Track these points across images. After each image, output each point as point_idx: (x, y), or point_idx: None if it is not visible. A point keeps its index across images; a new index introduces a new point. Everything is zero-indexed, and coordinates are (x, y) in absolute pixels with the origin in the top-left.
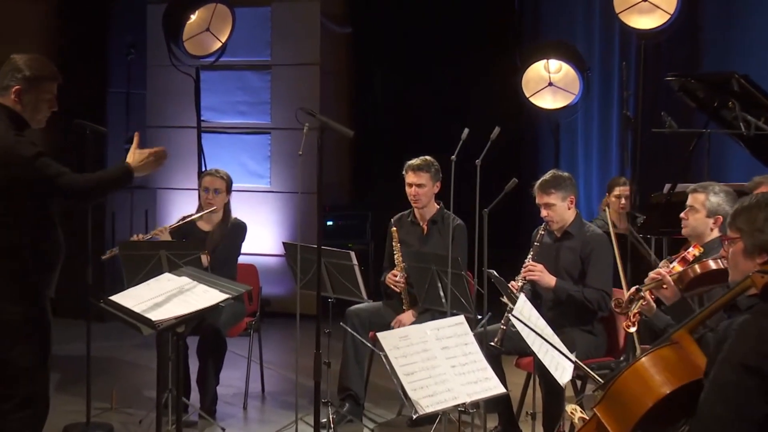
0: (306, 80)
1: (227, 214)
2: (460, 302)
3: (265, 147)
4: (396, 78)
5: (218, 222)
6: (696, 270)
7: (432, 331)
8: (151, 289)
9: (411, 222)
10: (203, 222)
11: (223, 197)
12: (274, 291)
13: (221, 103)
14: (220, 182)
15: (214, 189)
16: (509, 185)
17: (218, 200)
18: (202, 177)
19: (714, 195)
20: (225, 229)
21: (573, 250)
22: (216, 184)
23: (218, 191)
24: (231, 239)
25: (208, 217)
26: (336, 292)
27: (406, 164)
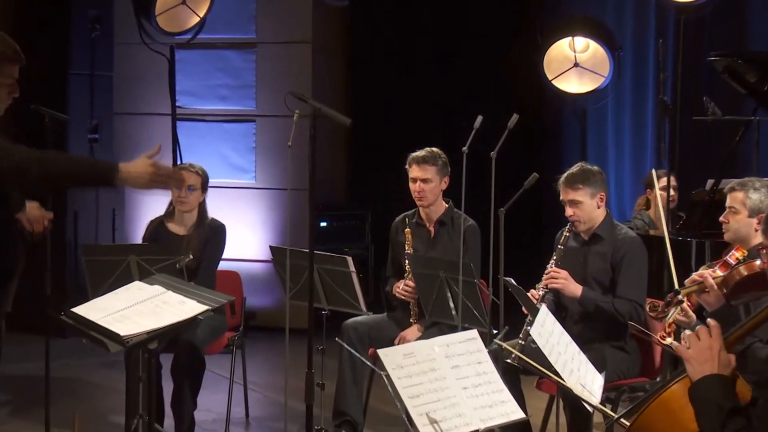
0: (296, 60)
1: (203, 214)
2: (473, 314)
3: (249, 137)
4: (400, 58)
5: (193, 224)
6: (741, 272)
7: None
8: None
9: (416, 223)
10: (175, 224)
11: (198, 195)
12: (259, 302)
13: (199, 87)
14: (194, 178)
15: (187, 186)
16: (529, 181)
17: (192, 198)
18: None
19: (754, 191)
20: (203, 233)
21: (602, 256)
22: (190, 180)
23: (192, 188)
24: (212, 244)
25: (180, 219)
26: (331, 303)
27: (410, 156)
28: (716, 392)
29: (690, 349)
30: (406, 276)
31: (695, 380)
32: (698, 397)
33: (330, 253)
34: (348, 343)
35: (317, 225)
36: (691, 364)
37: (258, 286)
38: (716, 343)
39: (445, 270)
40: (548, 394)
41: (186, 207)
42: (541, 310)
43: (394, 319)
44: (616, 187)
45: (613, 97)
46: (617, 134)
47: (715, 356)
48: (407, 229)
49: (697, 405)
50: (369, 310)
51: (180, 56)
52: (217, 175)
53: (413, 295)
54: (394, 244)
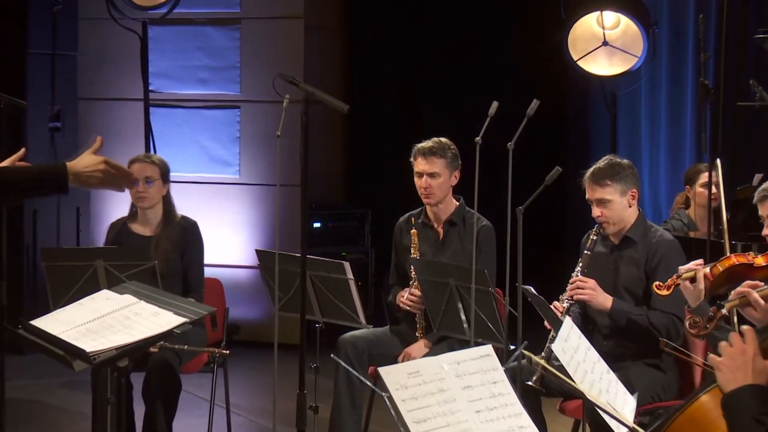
0: (286, 38)
1: (169, 210)
2: (487, 328)
3: (232, 125)
4: (404, 37)
5: (159, 223)
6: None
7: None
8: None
9: (423, 224)
10: (140, 225)
11: (159, 188)
12: (244, 314)
13: (175, 69)
14: (151, 169)
15: (144, 178)
16: (551, 175)
17: (153, 192)
18: (128, 166)
19: None
20: (173, 233)
21: (635, 262)
22: (147, 171)
23: (151, 180)
24: (192, 249)
25: (144, 219)
26: (325, 314)
27: (415, 147)
28: (752, 403)
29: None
30: (412, 284)
31: (728, 390)
32: (732, 409)
33: (325, 258)
34: (345, 361)
35: (310, 226)
36: (722, 372)
37: (242, 296)
38: (750, 348)
39: (456, 277)
40: (573, 418)
41: (147, 203)
42: (565, 322)
43: (397, 334)
44: (651, 183)
45: (647, 80)
46: (652, 123)
47: (749, 363)
48: (413, 230)
49: (731, 418)
50: (369, 323)
51: (153, 33)
52: (196, 169)
53: (419, 305)
54: (398, 248)
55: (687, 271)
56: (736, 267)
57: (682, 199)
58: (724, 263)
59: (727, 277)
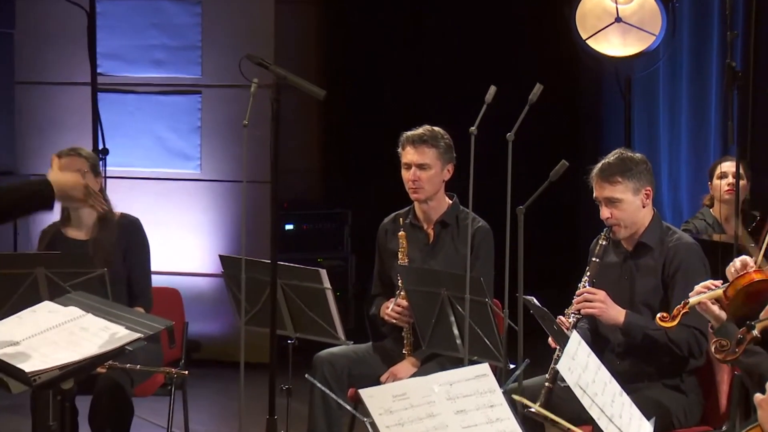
0: (254, 14)
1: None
2: (484, 344)
3: (193, 113)
4: (391, 12)
5: (95, 223)
6: None
7: (442, 386)
8: (24, 326)
9: (410, 225)
10: (74, 229)
11: (91, 182)
12: (206, 328)
13: (128, 49)
14: (80, 162)
15: None
16: (556, 170)
17: None
18: (52, 162)
19: None
20: (111, 233)
21: (652, 271)
22: (75, 165)
23: (81, 174)
24: (134, 250)
25: (78, 222)
26: (299, 329)
27: (403, 135)
28: None
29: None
30: (398, 294)
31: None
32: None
33: (298, 265)
34: (321, 382)
35: (281, 228)
36: (765, 410)
37: (204, 308)
38: None
39: (448, 286)
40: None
41: None
42: (572, 337)
43: (381, 351)
44: (671, 179)
45: (666, 61)
46: (671, 110)
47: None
48: (401, 233)
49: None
50: (349, 339)
51: (103, 8)
52: (150, 163)
53: (406, 318)
54: (383, 253)
55: (697, 295)
56: (756, 285)
57: (709, 197)
58: (741, 281)
59: (746, 297)
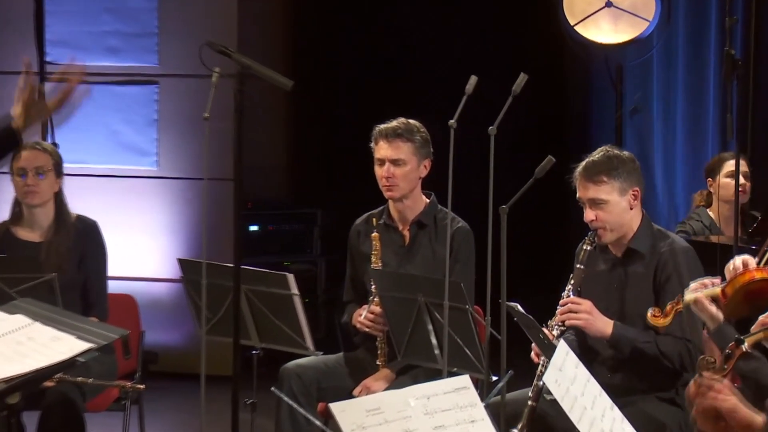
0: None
1: (62, 210)
2: (464, 354)
3: (149, 105)
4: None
5: (50, 225)
6: None
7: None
8: None
9: (385, 225)
10: (26, 230)
11: (52, 182)
12: (163, 338)
13: (78, 35)
14: (44, 158)
15: (35, 169)
16: (541, 167)
17: (44, 187)
18: (14, 154)
19: None
20: (66, 237)
21: (644, 279)
22: (38, 160)
23: (42, 173)
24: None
25: (32, 222)
26: (264, 339)
27: (377, 129)
28: None
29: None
30: (371, 300)
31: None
32: None
33: (264, 269)
34: (288, 395)
35: (245, 229)
36: None
37: (161, 316)
38: None
39: (426, 292)
40: None
41: (37, 199)
42: (559, 347)
43: (353, 362)
44: (665, 176)
45: (661, 49)
46: (666, 102)
47: None
48: (374, 234)
49: None
50: (318, 350)
51: None
52: (103, 159)
53: (381, 327)
54: (355, 256)
55: (694, 291)
56: (757, 284)
57: (701, 197)
58: (741, 279)
59: (745, 296)
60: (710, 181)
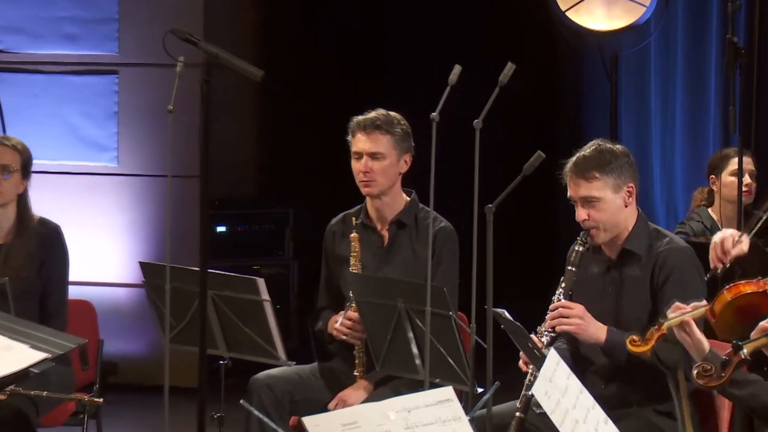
0: None
1: (24, 213)
2: (447, 364)
3: (109, 97)
4: None
5: (11, 228)
6: None
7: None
8: None
9: (362, 225)
10: None
11: (17, 182)
12: (124, 347)
13: (32, 21)
14: (11, 155)
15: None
16: (530, 163)
17: (8, 187)
18: None
19: None
20: (28, 241)
21: (640, 282)
22: (5, 157)
23: (8, 172)
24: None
25: None
26: (233, 348)
27: (353, 121)
28: None
29: None
30: (348, 306)
31: None
32: None
33: (232, 273)
34: (259, 408)
35: (212, 230)
36: None
37: (122, 324)
38: None
39: (406, 297)
40: None
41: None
42: (549, 356)
43: (328, 373)
44: (664, 173)
45: (659, 36)
46: (664, 93)
47: None
48: (353, 234)
49: None
50: (291, 360)
51: None
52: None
53: (359, 335)
54: (330, 258)
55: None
56: (747, 298)
57: (702, 195)
58: (728, 295)
59: (736, 314)
60: (713, 179)
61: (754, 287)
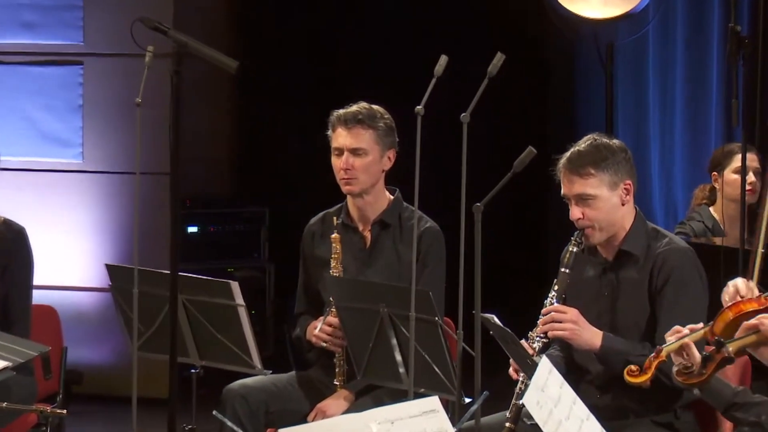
0: None
1: None
2: (432, 373)
3: (73, 89)
4: None
5: None
6: None
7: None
8: None
9: (343, 225)
10: None
11: None
12: (89, 355)
13: None
14: None
15: None
16: (521, 159)
17: None
18: None
19: None
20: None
21: (638, 285)
22: None
23: None
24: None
25: None
26: (205, 356)
27: (333, 115)
28: None
29: None
30: (328, 312)
31: None
32: None
33: (204, 276)
34: (233, 420)
35: (183, 230)
36: None
37: (87, 331)
38: None
39: (389, 302)
40: None
41: None
42: (541, 364)
43: (306, 382)
44: (663, 169)
45: (657, 25)
46: (663, 85)
47: None
48: (335, 235)
49: None
50: (267, 368)
51: None
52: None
53: (339, 342)
54: (309, 261)
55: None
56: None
57: (703, 193)
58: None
59: (734, 331)
60: (715, 176)
61: (756, 305)
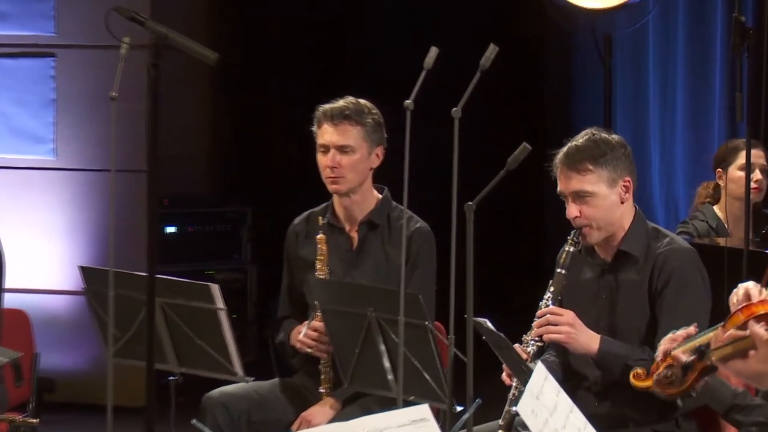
0: None
1: None
2: (422, 380)
3: (45, 83)
4: None
5: None
6: None
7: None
8: None
9: (328, 225)
10: None
11: None
12: (62, 361)
13: None
14: None
15: None
16: (514, 156)
17: None
18: None
19: None
20: None
21: (638, 287)
22: None
23: None
24: None
25: None
26: (184, 363)
27: (319, 110)
28: None
29: None
30: (313, 315)
31: None
32: None
33: (183, 279)
34: (213, 429)
35: (161, 231)
36: None
37: (60, 336)
38: None
39: (377, 305)
40: None
41: None
42: (536, 370)
43: (290, 390)
44: (663, 167)
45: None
46: (664, 78)
47: None
48: (320, 235)
49: None
50: (249, 375)
51: None
52: None
53: (325, 347)
54: (293, 262)
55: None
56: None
57: (707, 191)
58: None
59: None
60: (720, 173)
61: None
